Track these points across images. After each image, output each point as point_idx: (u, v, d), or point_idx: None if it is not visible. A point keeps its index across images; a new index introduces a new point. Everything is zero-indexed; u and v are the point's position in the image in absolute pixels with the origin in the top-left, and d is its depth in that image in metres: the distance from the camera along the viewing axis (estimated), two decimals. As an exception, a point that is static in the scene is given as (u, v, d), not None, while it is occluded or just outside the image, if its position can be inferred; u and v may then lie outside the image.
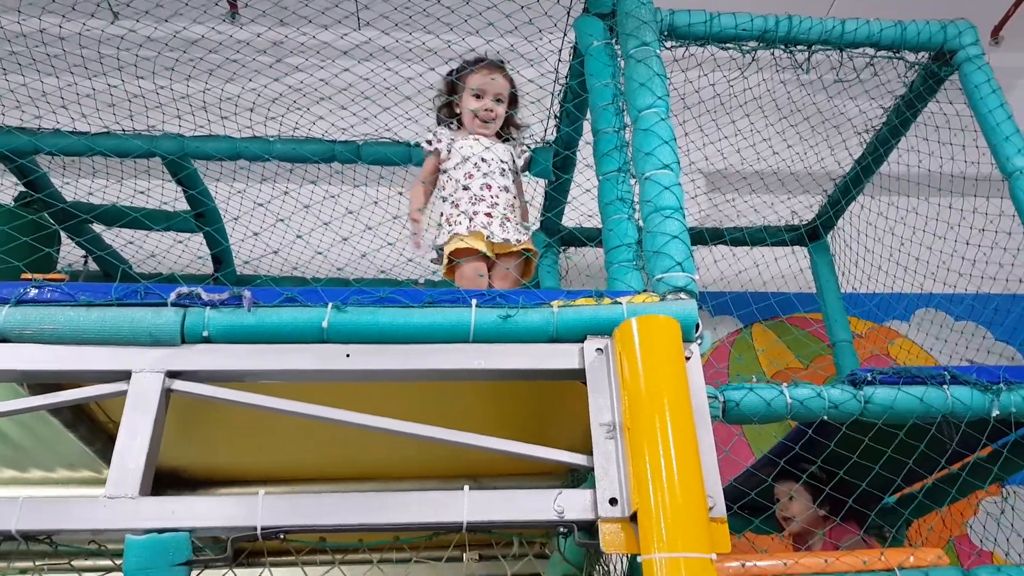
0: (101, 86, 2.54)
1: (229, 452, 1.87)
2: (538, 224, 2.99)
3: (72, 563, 1.51)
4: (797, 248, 3.36)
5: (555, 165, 2.63)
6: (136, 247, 3.06)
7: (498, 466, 2.00)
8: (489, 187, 1.99)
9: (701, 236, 3.24)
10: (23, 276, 1.37)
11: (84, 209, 2.64)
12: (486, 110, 2.10)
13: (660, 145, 1.61)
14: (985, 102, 2.27)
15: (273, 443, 1.80)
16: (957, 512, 3.26)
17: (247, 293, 1.32)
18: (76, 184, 2.78)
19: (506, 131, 2.18)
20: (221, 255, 2.93)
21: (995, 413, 1.76)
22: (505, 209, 2.00)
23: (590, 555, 1.53)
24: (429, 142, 2.12)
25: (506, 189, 2.04)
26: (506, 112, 2.15)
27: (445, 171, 2.09)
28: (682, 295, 1.45)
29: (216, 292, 1.33)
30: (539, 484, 2.11)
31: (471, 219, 1.94)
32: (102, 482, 2.01)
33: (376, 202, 2.15)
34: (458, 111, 2.16)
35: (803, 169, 3.00)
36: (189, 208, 2.80)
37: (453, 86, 2.17)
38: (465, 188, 1.99)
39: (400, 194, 2.39)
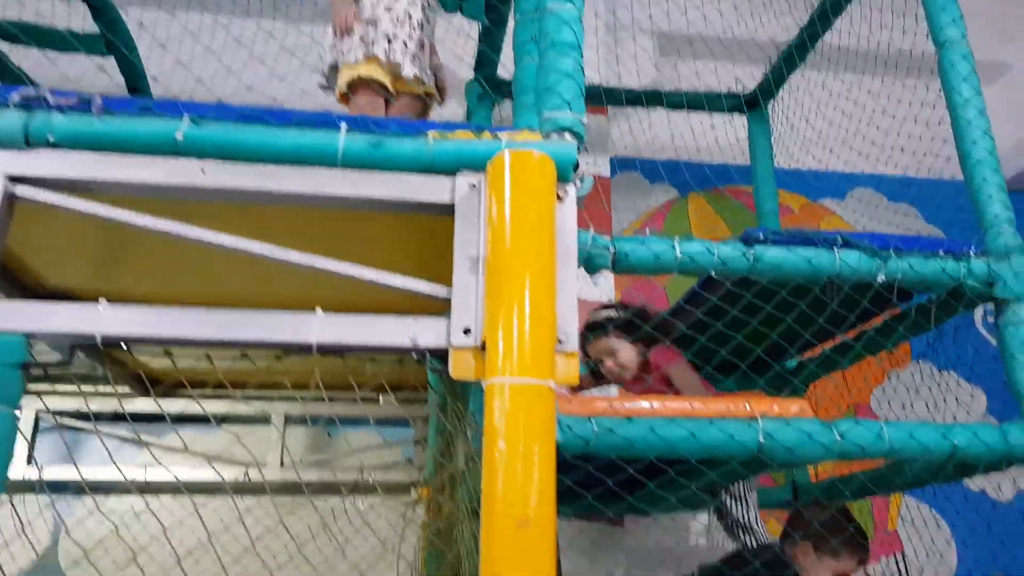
0: None
1: (118, 278, 1.84)
2: (471, 74, 2.88)
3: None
4: (738, 119, 3.29)
5: (486, 8, 2.49)
6: (43, 72, 2.88)
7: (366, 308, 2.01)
8: (397, 18, 1.88)
9: (641, 98, 3.16)
10: None
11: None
12: None
13: (563, -25, 1.51)
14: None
15: (167, 271, 1.76)
16: (865, 382, 3.40)
17: (97, 98, 1.25)
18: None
19: None
20: (136, 81, 2.76)
21: (881, 279, 1.79)
22: (416, 43, 1.91)
23: (447, 384, 1.56)
24: None
25: (420, 25, 1.94)
26: None
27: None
28: (567, 135, 1.40)
29: (65, 96, 1.25)
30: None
31: (382, 45, 1.85)
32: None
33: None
34: None
35: (749, 37, 2.89)
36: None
37: None
38: (379, 10, 1.88)
39: (306, 34, 2.23)
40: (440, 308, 1.29)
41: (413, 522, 2.17)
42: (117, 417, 2.85)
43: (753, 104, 3.25)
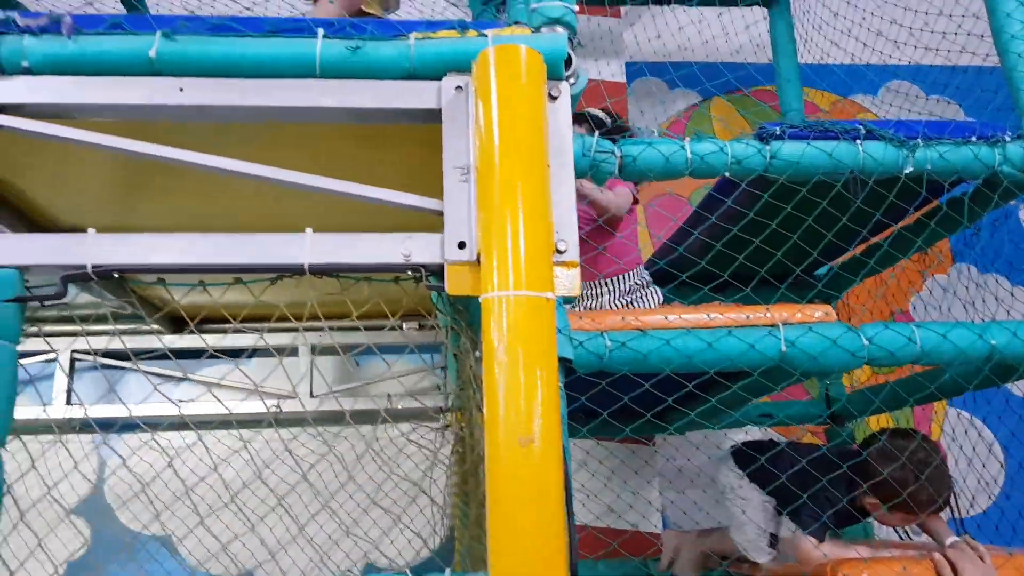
0: None
1: (130, 213, 1.83)
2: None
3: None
4: (759, 13, 3.10)
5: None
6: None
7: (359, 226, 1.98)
8: None
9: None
10: None
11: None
12: None
13: None
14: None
15: (175, 205, 1.74)
16: (902, 289, 3.29)
17: (67, 18, 1.20)
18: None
19: None
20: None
21: (908, 170, 1.69)
22: None
23: (450, 303, 1.53)
24: None
25: None
26: None
27: None
28: (558, 27, 1.31)
29: (33, 17, 1.21)
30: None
31: None
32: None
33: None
34: None
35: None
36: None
37: None
38: None
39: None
40: (435, 225, 1.25)
41: (444, 446, 2.19)
42: (146, 355, 2.92)
43: (774, -5, 3.06)
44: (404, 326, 2.91)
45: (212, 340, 2.76)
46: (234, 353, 2.95)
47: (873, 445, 1.95)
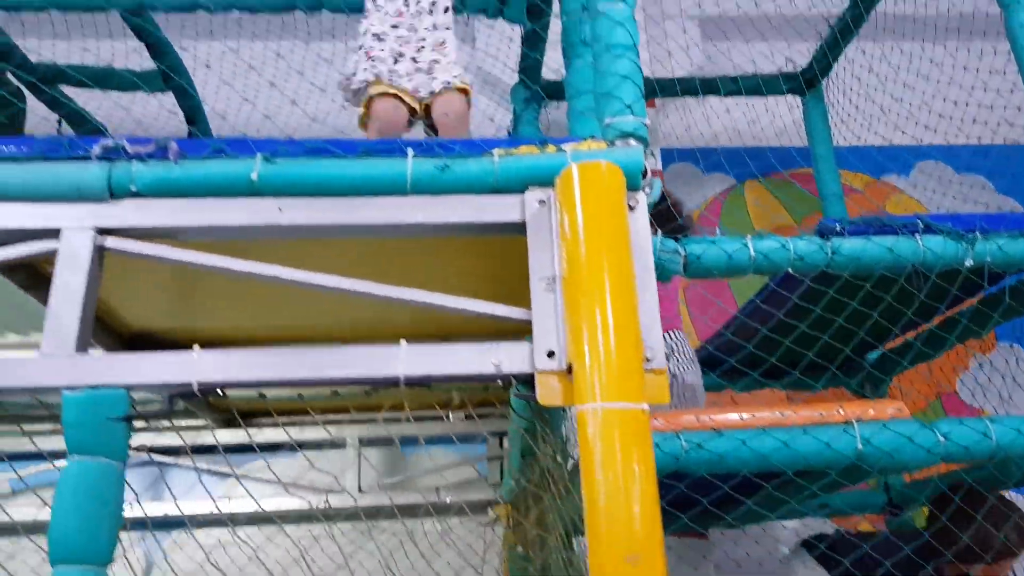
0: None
1: (194, 317, 1.88)
2: (515, 78, 2.86)
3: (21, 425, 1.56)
4: (792, 101, 3.20)
5: (528, 11, 2.47)
6: (107, 111, 2.98)
7: (452, 329, 2.01)
8: (415, 28, 1.83)
9: (692, 86, 3.09)
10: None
11: (46, 68, 2.53)
12: None
13: (614, -25, 1.48)
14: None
15: (240, 308, 1.79)
16: (944, 370, 3.27)
17: (173, 144, 1.27)
18: (24, 41, 2.66)
19: None
20: (193, 112, 2.83)
21: (969, 263, 1.72)
22: (432, 52, 1.84)
23: (534, 409, 1.55)
24: None
25: (434, 26, 1.86)
26: None
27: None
28: (631, 141, 1.37)
29: (142, 144, 1.28)
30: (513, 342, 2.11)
31: (395, 61, 1.80)
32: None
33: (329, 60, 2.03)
34: None
35: (798, 13, 2.81)
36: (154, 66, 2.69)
37: None
38: (393, 27, 1.83)
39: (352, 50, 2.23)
40: (518, 327, 1.28)
41: (493, 542, 2.17)
42: (194, 450, 2.92)
43: (807, 83, 3.15)
44: (451, 416, 2.92)
45: (257, 433, 2.77)
46: (278, 446, 2.96)
47: (941, 508, 1.93)
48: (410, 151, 1.31)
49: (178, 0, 2.44)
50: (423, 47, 1.80)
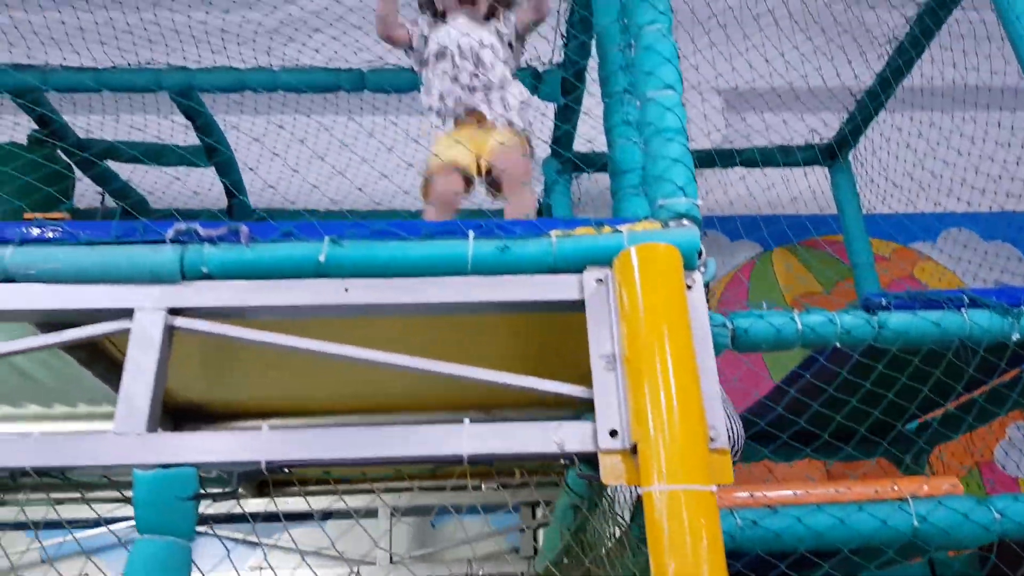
0: (102, 18, 2.50)
1: (235, 386, 1.90)
2: (548, 151, 2.93)
3: (86, 496, 1.57)
4: (817, 168, 3.26)
5: (563, 88, 2.55)
6: (151, 183, 3.07)
7: (501, 398, 2.02)
8: (470, 86, 1.87)
9: (717, 158, 3.16)
10: (25, 216, 1.37)
11: (97, 145, 2.63)
12: None
13: (662, 64, 1.54)
14: (1013, 7, 2.13)
15: (280, 377, 1.82)
16: (982, 438, 3.24)
17: (244, 228, 1.32)
18: (75, 117, 2.77)
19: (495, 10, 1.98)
20: (235, 187, 2.92)
21: (1016, 337, 1.72)
22: (489, 93, 1.87)
23: (593, 486, 1.55)
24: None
25: (489, 80, 1.88)
26: None
27: (423, 69, 1.95)
28: (684, 221, 1.41)
29: (213, 228, 1.32)
30: (553, 415, 2.12)
31: (455, 118, 1.85)
32: (124, 415, 2.08)
33: (371, 134, 2.10)
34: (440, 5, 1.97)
35: (821, 84, 2.88)
36: (198, 142, 2.79)
37: None
38: (443, 94, 1.88)
39: (394, 124, 2.32)
40: (556, 400, 1.29)
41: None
42: (225, 519, 2.90)
43: (833, 154, 3.21)
44: (483, 486, 2.90)
45: (288, 502, 2.76)
46: (309, 515, 2.93)
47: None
48: (471, 233, 1.35)
49: (226, 81, 2.55)
50: (476, 87, 1.85)
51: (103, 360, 1.75)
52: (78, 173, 2.87)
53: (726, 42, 2.65)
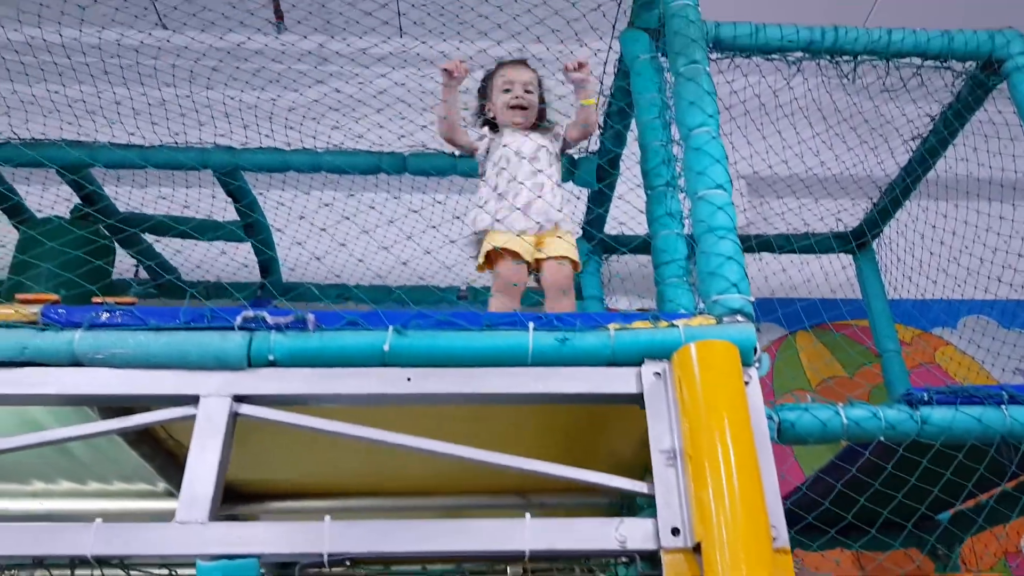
0: (152, 95, 2.59)
1: (284, 468, 1.90)
2: (579, 232, 2.99)
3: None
4: (841, 253, 3.31)
5: (598, 175, 2.63)
6: (184, 256, 3.12)
7: (538, 483, 2.02)
8: (522, 184, 1.94)
9: (743, 245, 3.20)
10: (94, 300, 1.40)
11: (138, 221, 2.69)
12: (516, 97, 2.06)
13: (712, 164, 1.60)
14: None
15: (330, 459, 1.82)
16: (1013, 530, 3.19)
17: (311, 316, 1.35)
18: (117, 191, 2.85)
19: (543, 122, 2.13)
20: (268, 264, 2.97)
21: (1055, 433, 1.73)
22: (547, 200, 1.94)
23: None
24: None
25: (540, 186, 1.97)
26: (539, 104, 2.11)
27: (483, 173, 2.07)
28: (739, 317, 1.44)
29: (281, 315, 1.35)
30: (588, 502, 2.11)
31: (509, 216, 1.91)
32: (157, 495, 2.07)
33: (417, 211, 2.17)
34: (492, 115, 2.12)
35: (847, 175, 2.96)
36: (237, 217, 2.85)
37: (484, 92, 2.15)
38: (498, 187, 1.96)
39: (438, 203, 2.38)
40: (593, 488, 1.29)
41: None
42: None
43: (858, 243, 3.26)
44: (508, 570, 2.84)
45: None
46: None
47: None
48: (531, 325, 1.37)
49: (270, 161, 2.62)
50: (531, 202, 1.92)
51: (149, 441, 1.76)
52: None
53: (749, 128, 2.73)
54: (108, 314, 1.36)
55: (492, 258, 1.95)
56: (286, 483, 2.02)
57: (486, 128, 2.11)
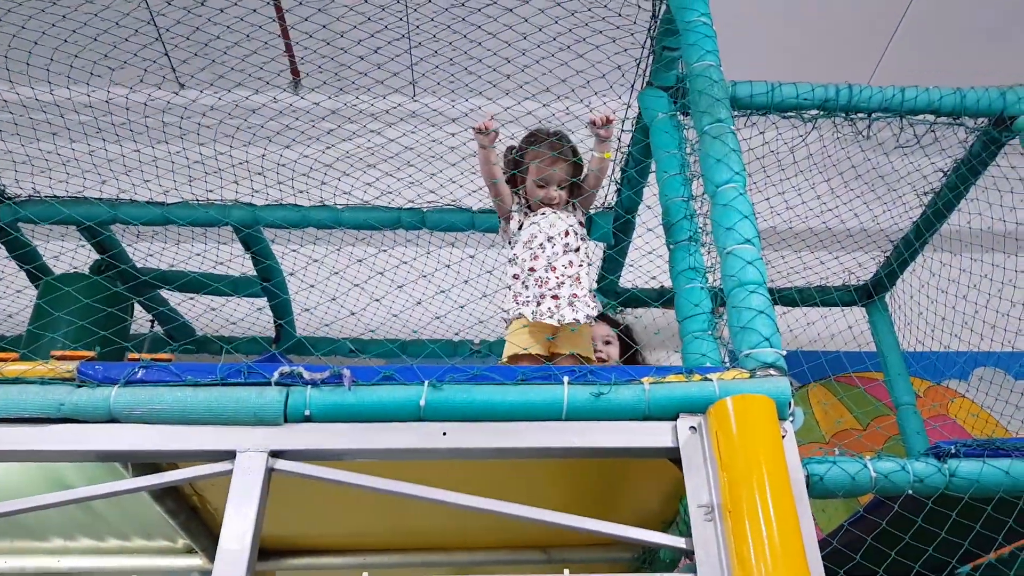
0: (174, 154, 2.63)
1: (307, 524, 1.88)
2: (595, 285, 3.02)
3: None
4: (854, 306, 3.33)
5: (615, 229, 2.66)
6: (200, 310, 3.14)
7: (560, 538, 2.00)
8: (554, 268, 1.92)
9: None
10: (130, 356, 1.41)
11: (157, 276, 2.71)
12: (551, 197, 2.02)
13: (740, 220, 1.63)
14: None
15: (352, 514, 1.81)
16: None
17: (347, 372, 1.35)
18: (134, 246, 2.88)
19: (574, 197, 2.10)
20: (283, 319, 2.98)
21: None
22: (572, 286, 1.93)
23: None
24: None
25: (570, 263, 1.95)
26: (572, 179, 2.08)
27: (513, 244, 2.04)
28: (772, 371, 1.45)
29: (318, 371, 1.36)
30: (610, 557, 2.09)
31: (538, 303, 1.89)
32: (177, 551, 2.05)
33: (448, 266, 2.19)
34: (522, 188, 2.08)
35: (858, 227, 3.00)
36: (255, 273, 2.87)
37: (516, 162, 2.11)
38: (531, 270, 1.93)
39: (471, 258, 2.40)
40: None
41: None
42: None
43: (870, 296, 3.28)
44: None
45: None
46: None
47: None
48: (566, 379, 1.38)
49: (290, 217, 2.66)
50: (562, 283, 1.91)
51: (173, 495, 1.75)
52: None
53: (765, 182, 2.78)
54: (144, 370, 1.36)
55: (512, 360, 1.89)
56: (304, 539, 2.00)
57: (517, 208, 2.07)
